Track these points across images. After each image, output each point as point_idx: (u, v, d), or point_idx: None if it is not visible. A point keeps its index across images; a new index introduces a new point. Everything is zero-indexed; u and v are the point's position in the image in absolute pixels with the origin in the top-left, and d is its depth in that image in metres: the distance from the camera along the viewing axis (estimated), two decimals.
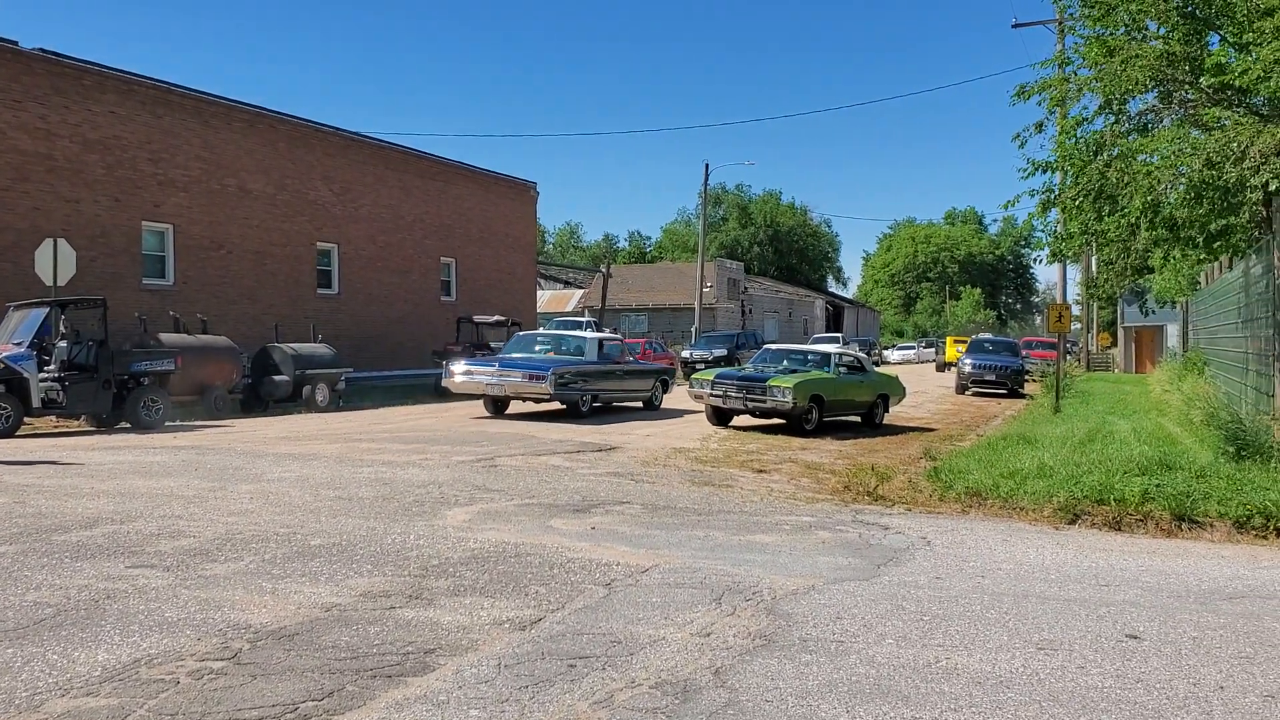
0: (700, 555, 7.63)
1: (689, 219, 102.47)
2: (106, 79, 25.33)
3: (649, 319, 63.42)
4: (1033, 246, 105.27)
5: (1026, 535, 9.16)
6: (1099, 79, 13.22)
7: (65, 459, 12.54)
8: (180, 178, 26.90)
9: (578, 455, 13.77)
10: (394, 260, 34.39)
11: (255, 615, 5.64)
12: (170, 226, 26.61)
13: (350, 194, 32.73)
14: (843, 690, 4.70)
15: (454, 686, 4.62)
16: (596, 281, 62.37)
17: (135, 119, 25.76)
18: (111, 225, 25.01)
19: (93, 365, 17.37)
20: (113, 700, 4.35)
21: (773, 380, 17.75)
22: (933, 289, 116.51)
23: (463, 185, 38.43)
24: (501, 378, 19.47)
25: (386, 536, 7.90)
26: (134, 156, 25.70)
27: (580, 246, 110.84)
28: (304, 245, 30.75)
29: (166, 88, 27.02)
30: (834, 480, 12.23)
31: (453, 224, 37.62)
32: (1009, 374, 31.69)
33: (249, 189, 28.98)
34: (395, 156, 35.36)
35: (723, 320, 61.92)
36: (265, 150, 29.65)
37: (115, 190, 25.20)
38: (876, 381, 20.62)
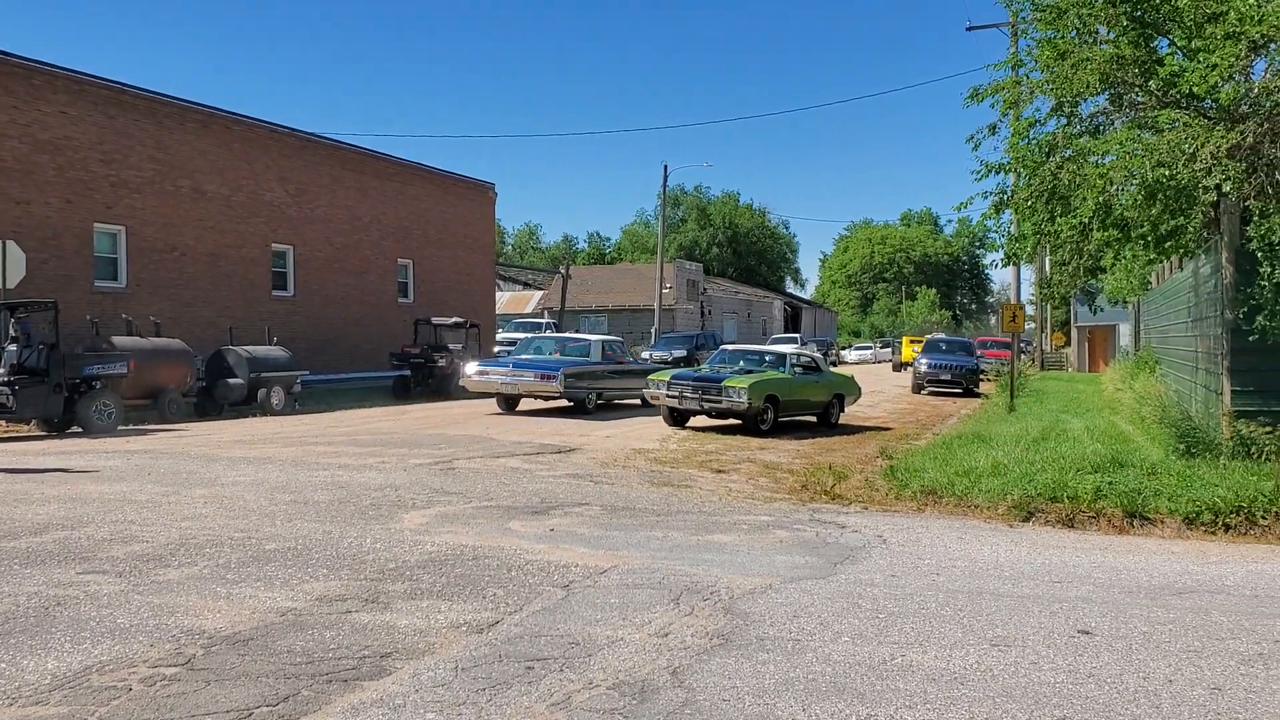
0: (659, 556, 7.64)
1: (648, 220, 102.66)
2: (57, 78, 24.96)
3: (609, 320, 63.39)
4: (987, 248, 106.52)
5: (981, 533, 9.26)
6: (1050, 82, 13.37)
7: (14, 464, 12.33)
8: (133, 179, 26.56)
9: (537, 457, 13.75)
10: (350, 262, 34.15)
11: (209, 621, 5.58)
12: (123, 228, 26.26)
13: (306, 195, 32.46)
14: (799, 688, 4.73)
15: (410, 690, 4.60)
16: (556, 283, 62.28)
17: (87, 119, 25.40)
18: (63, 227, 24.65)
19: (43, 369, 17.11)
20: (63, 709, 4.29)
21: (728, 381, 17.79)
22: (889, 289, 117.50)
23: (420, 186, 38.24)
24: (515, 377, 21.02)
25: (343, 540, 7.85)
26: (85, 157, 25.35)
27: (539, 248, 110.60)
28: (259, 247, 30.46)
29: (119, 88, 26.66)
30: (792, 480, 12.29)
31: (410, 225, 37.43)
32: (964, 373, 32.01)
33: (203, 190, 28.66)
34: (352, 157, 35.11)
35: (682, 321, 62.07)
36: (219, 151, 29.34)
37: (66, 191, 24.84)
38: (832, 382, 20.72)
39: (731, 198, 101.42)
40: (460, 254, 40.26)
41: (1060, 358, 60.33)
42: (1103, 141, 12.87)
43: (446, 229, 39.51)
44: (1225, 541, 9.19)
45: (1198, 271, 14.85)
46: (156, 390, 19.87)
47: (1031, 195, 13.76)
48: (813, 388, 19.75)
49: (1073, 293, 24.95)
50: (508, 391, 21.38)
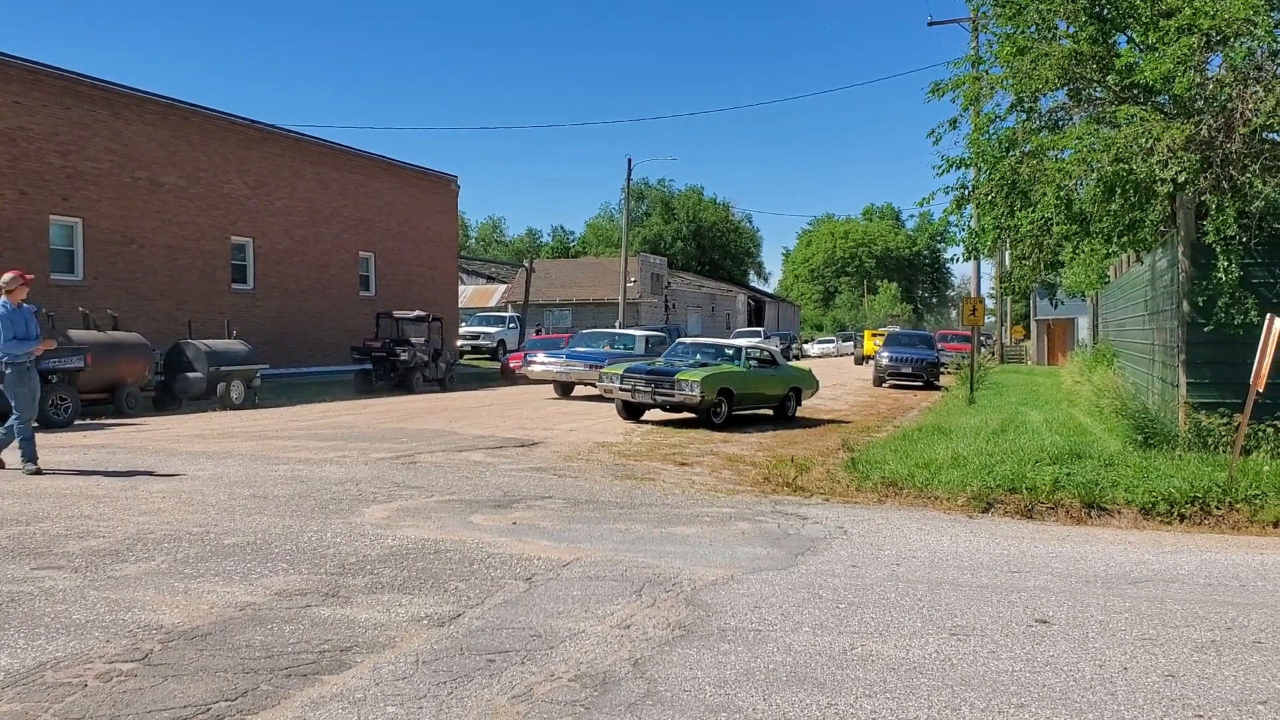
0: (622, 548, 7.65)
1: (612, 214, 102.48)
2: (11, 68, 24.58)
3: (573, 314, 63.28)
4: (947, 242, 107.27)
5: (941, 524, 9.34)
6: (1010, 77, 13.48)
7: None
8: (90, 170, 26.22)
9: (499, 451, 13.71)
10: (311, 255, 33.89)
11: (167, 616, 5.52)
12: (79, 220, 25.92)
13: (266, 187, 32.17)
14: (760, 679, 4.75)
15: (371, 684, 4.58)
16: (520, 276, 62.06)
17: (42, 109, 25.03)
18: (17, 219, 24.29)
19: None
20: (15, 705, 4.23)
21: (680, 374, 17.71)
22: (851, 284, 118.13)
23: (382, 179, 38.00)
24: (568, 367, 24.34)
25: (303, 535, 7.79)
26: (41, 148, 24.98)
27: (503, 241, 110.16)
28: (218, 239, 30.18)
29: (75, 78, 26.29)
30: (754, 472, 12.33)
31: (372, 218, 37.18)
32: (925, 366, 32.25)
33: (161, 182, 28.33)
34: (313, 150, 34.82)
35: (646, 315, 62.08)
36: (178, 143, 29.01)
37: (21, 183, 24.47)
38: (789, 375, 20.76)
39: (695, 192, 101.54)
40: (423, 247, 40.06)
41: (1020, 351, 60.95)
42: (1061, 136, 12.99)
43: (409, 222, 39.29)
44: (1180, 531, 9.33)
45: (1154, 265, 15.04)
46: (114, 384, 19.62)
47: (992, 190, 13.88)
48: (768, 381, 19.77)
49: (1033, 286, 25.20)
50: (563, 379, 24.62)
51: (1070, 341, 53.36)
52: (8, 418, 10.79)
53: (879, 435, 16.57)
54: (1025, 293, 49.99)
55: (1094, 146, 11.88)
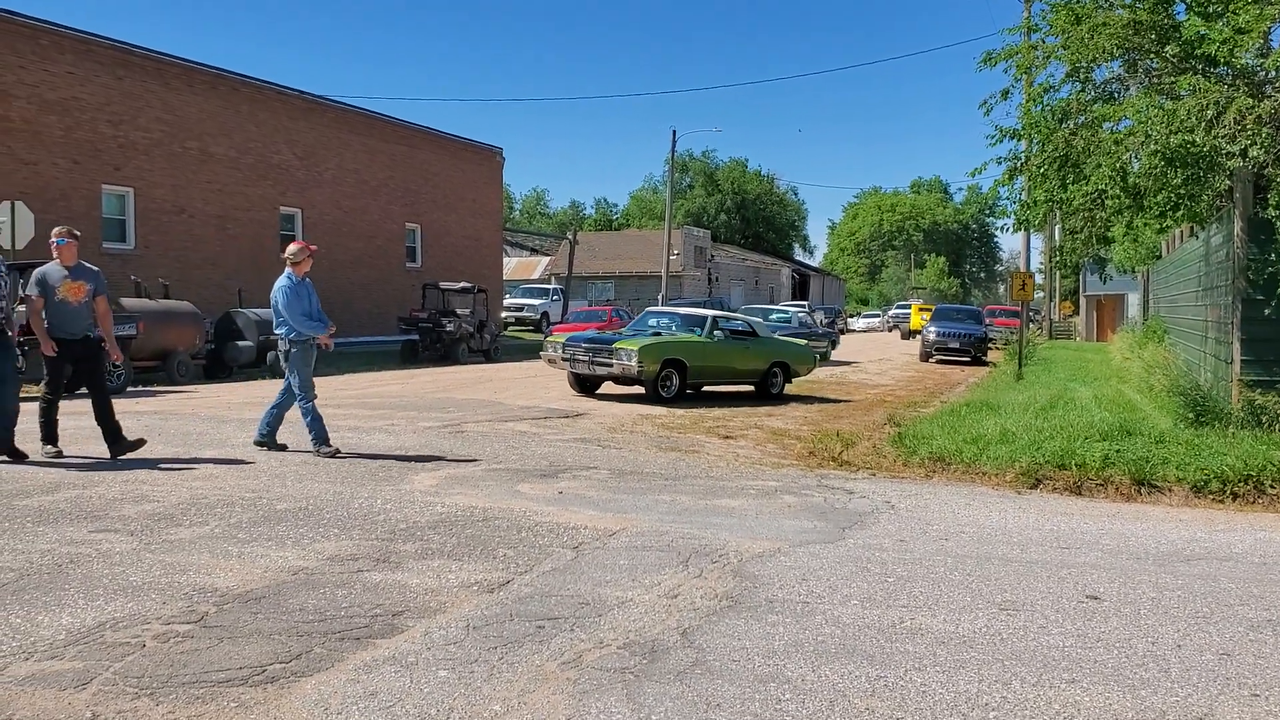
0: (667, 519, 7.66)
1: (656, 186, 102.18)
2: (64, 39, 24.88)
3: (615, 286, 63.31)
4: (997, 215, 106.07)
5: (989, 499, 9.27)
6: (1066, 47, 13.26)
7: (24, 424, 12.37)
8: (141, 140, 26.53)
9: (544, 422, 13.77)
10: (358, 226, 34.12)
11: (221, 579, 5.62)
12: (131, 190, 26.26)
13: (314, 158, 32.40)
14: (809, 650, 4.75)
15: (423, 648, 4.63)
16: (563, 249, 62.15)
17: (94, 80, 25.34)
18: (71, 188, 24.65)
19: None
20: (77, 664, 4.32)
21: (619, 343, 16.65)
22: (898, 257, 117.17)
23: (428, 150, 38.14)
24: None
25: (353, 501, 7.88)
26: (93, 118, 25.30)
27: (547, 213, 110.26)
28: (267, 210, 30.46)
29: (126, 48, 26.56)
30: (799, 446, 12.30)
31: (418, 189, 37.35)
32: (972, 342, 31.95)
33: (211, 152, 28.61)
34: (360, 121, 35.00)
35: (689, 288, 61.96)
36: (228, 113, 29.27)
37: (74, 152, 24.82)
38: (772, 348, 18.97)
39: (740, 164, 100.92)
40: (468, 219, 40.20)
41: (1068, 326, 60.23)
42: (1118, 107, 12.77)
43: (454, 193, 39.43)
44: (1233, 510, 9.19)
45: (1209, 241, 14.77)
46: (166, 352, 19.91)
47: (1044, 162, 13.68)
48: (740, 354, 18.21)
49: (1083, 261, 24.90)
50: None
51: (1119, 317, 52.68)
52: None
53: (926, 410, 16.45)
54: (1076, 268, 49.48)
55: (1153, 118, 11.66)
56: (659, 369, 16.59)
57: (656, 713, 3.97)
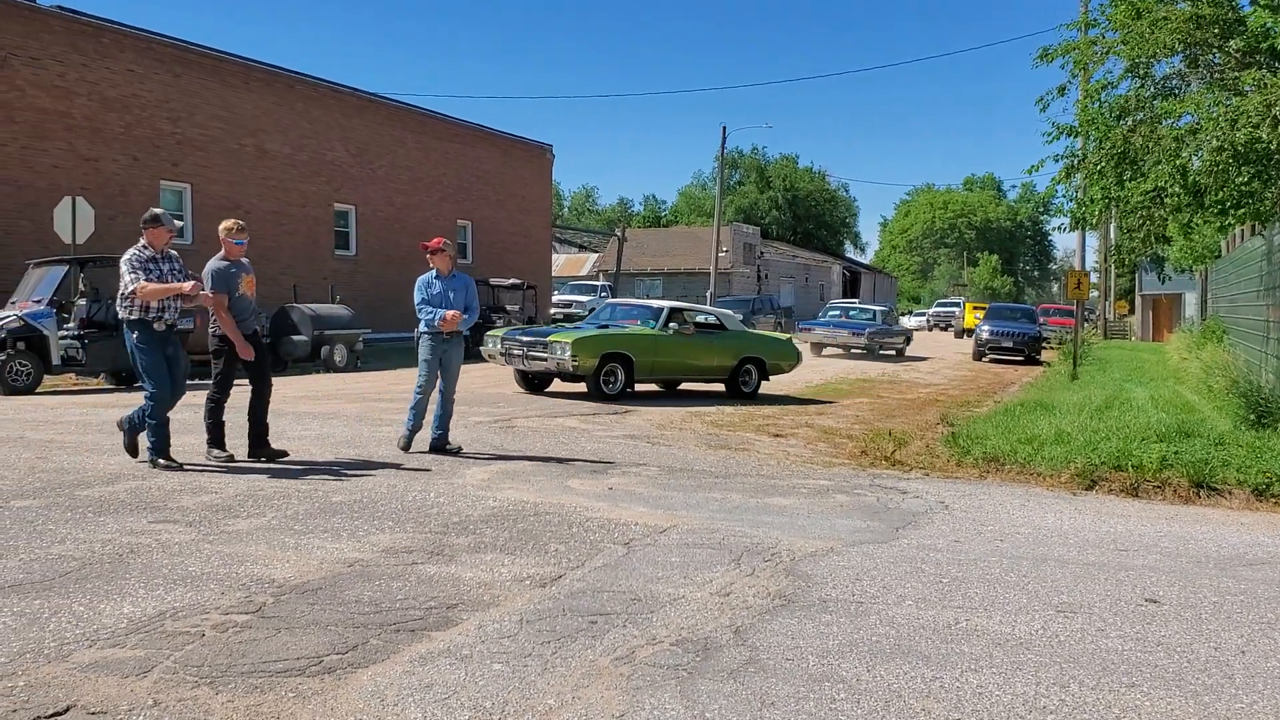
0: (718, 517, 7.65)
1: (705, 183, 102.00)
2: (125, 37, 25.29)
3: (663, 284, 63.27)
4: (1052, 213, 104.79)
5: (1044, 500, 9.16)
6: (1125, 42, 13.06)
7: (85, 416, 12.62)
8: (198, 137, 26.91)
9: (594, 418, 13.80)
10: (411, 222, 34.38)
11: (278, 570, 5.68)
12: (188, 186, 26.66)
13: (367, 155, 32.69)
14: (863, 650, 4.72)
15: (477, 641, 4.66)
16: (611, 245, 62.22)
17: (154, 77, 25.74)
18: (130, 184, 25.06)
19: (112, 323, 17.41)
20: (139, 652, 4.39)
21: (553, 336, 15.74)
22: (950, 255, 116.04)
23: (480, 147, 38.34)
24: (833, 333, 31.62)
25: (407, 494, 7.95)
26: (152, 115, 25.71)
27: (595, 210, 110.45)
28: (322, 206, 30.78)
29: (184, 46, 26.96)
30: (851, 445, 12.23)
31: (469, 186, 37.56)
32: (1026, 341, 31.60)
33: (266, 149, 28.97)
34: (413, 118, 35.27)
35: (738, 285, 61.80)
36: (283, 110, 29.61)
37: (134, 149, 25.23)
38: (743, 343, 17.90)
39: (790, 160, 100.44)
40: (518, 216, 40.37)
41: (1124, 326, 59.39)
42: (1179, 103, 12.55)
43: (505, 190, 39.61)
44: None
45: (1271, 240, 14.48)
46: None
47: (1101, 159, 13.50)
48: (701, 350, 17.13)
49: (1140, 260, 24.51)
50: (825, 342, 31.59)
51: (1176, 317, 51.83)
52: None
53: (979, 410, 16.29)
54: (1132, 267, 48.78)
55: (1218, 114, 11.44)
56: (598, 363, 15.67)
57: (710, 710, 3.96)
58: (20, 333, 16.22)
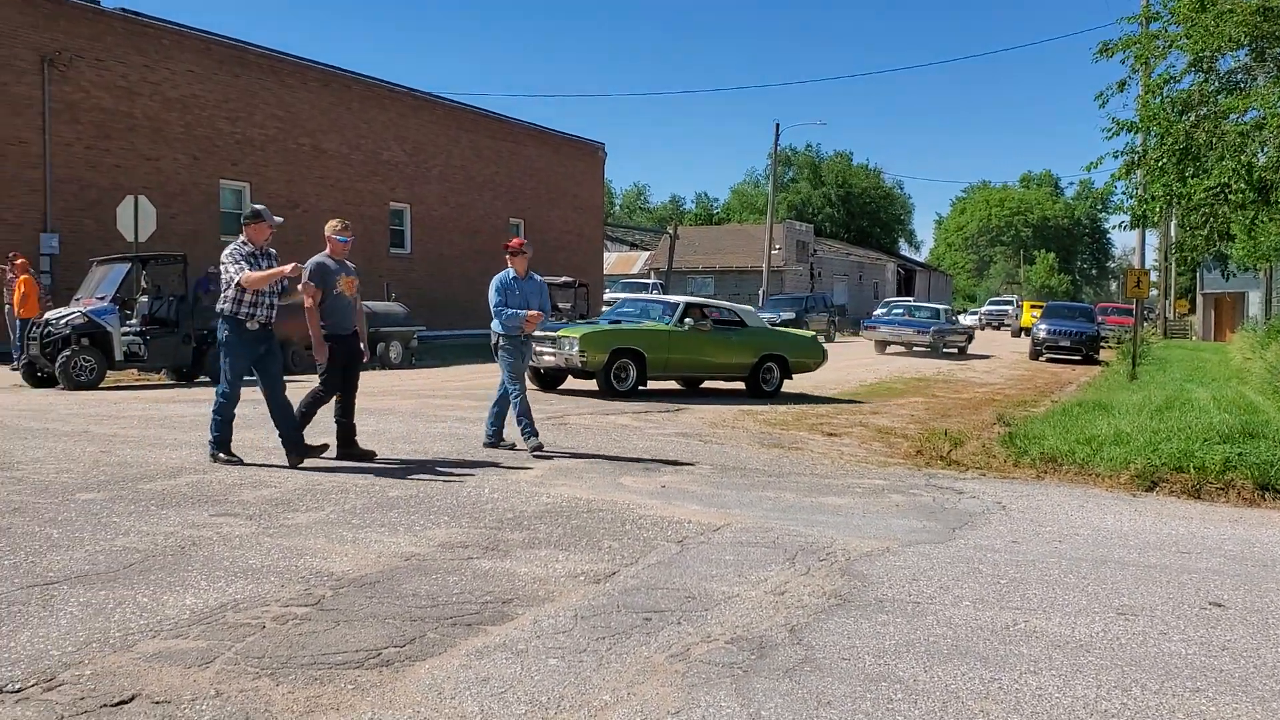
0: (772, 515, 7.62)
1: (758, 180, 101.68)
2: (185, 38, 25.71)
3: (715, 281, 63.15)
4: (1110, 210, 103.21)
5: (1103, 501, 9.03)
6: (1188, 35, 12.82)
7: (147, 411, 12.86)
8: (257, 136, 27.29)
9: (645, 415, 13.81)
10: (464, 221, 34.63)
11: (337, 563, 5.75)
12: (247, 184, 27.04)
13: (422, 155, 32.96)
14: (920, 650, 4.68)
15: (532, 636, 4.68)
16: (663, 243, 62.22)
17: (213, 78, 26.14)
18: (191, 183, 25.48)
19: (174, 320, 17.73)
20: (201, 643, 4.46)
21: (562, 331, 15.41)
22: (1006, 253, 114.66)
23: (532, 146, 38.51)
24: (898, 331, 32.12)
25: (462, 489, 8.01)
26: (212, 115, 26.11)
27: (647, 208, 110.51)
28: (377, 205, 31.08)
29: (243, 47, 27.36)
30: (906, 445, 12.13)
31: (522, 185, 37.75)
32: (1084, 340, 31.19)
33: (323, 148, 29.31)
34: (467, 117, 35.50)
35: (791, 283, 61.50)
36: (339, 110, 29.94)
37: (194, 148, 25.64)
38: (763, 340, 17.49)
39: (844, 157, 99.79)
40: (570, 214, 40.51)
41: (1184, 325, 58.34)
42: (1245, 98, 12.30)
43: (557, 189, 39.76)
44: None
45: None
46: (281, 343, 20.39)
47: (1163, 155, 13.28)
48: (719, 346, 16.74)
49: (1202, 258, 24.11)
50: (889, 340, 32.14)
51: (1239, 316, 50.81)
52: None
53: (1036, 410, 16.10)
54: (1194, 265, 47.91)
55: None
56: (608, 359, 15.42)
57: (766, 708, 3.95)
58: (84, 329, 16.55)
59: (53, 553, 5.78)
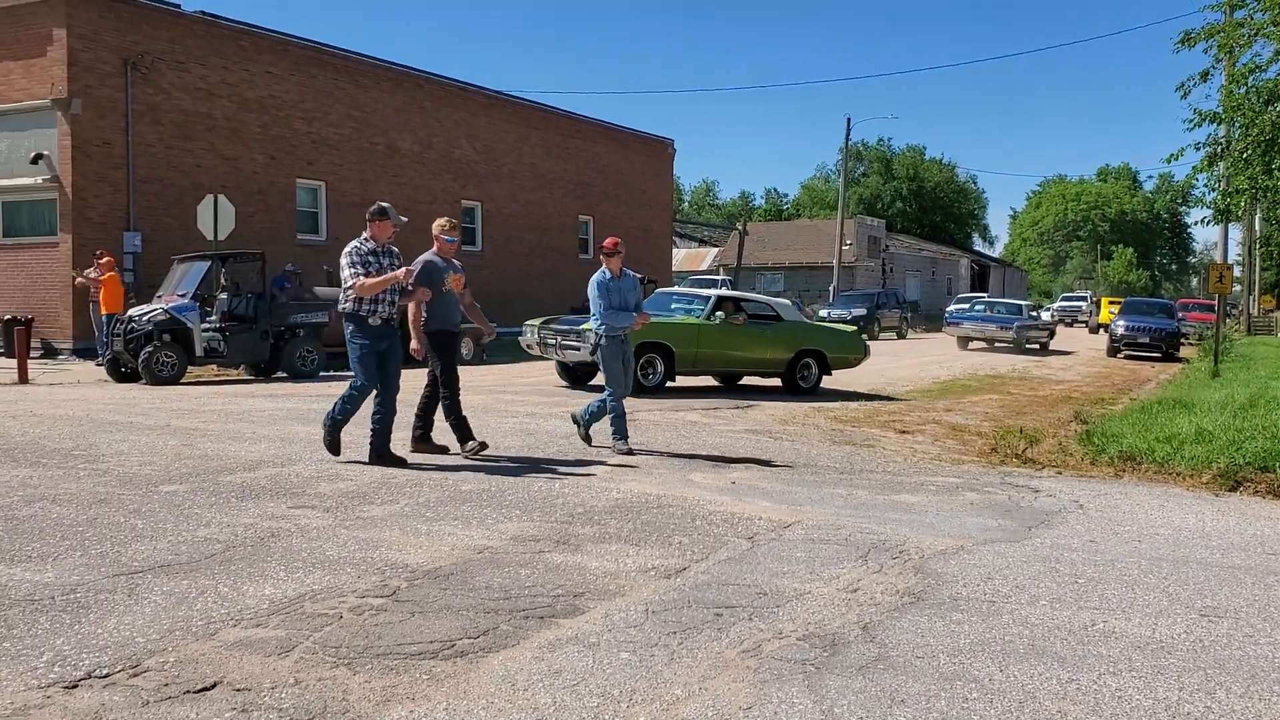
0: (844, 513, 7.57)
1: (828, 175, 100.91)
2: (263, 40, 26.19)
3: (785, 278, 62.79)
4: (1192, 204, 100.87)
5: (1184, 501, 8.82)
6: (1275, 22, 12.48)
7: (226, 405, 13.13)
8: (332, 136, 27.70)
9: (715, 412, 13.79)
10: (534, 218, 34.84)
11: (411, 555, 5.83)
12: (323, 183, 27.48)
13: (493, 153, 33.22)
14: (996, 649, 4.62)
15: (604, 629, 4.70)
16: (732, 239, 62.02)
17: (290, 79, 26.59)
18: (268, 182, 25.95)
19: (252, 316, 18.09)
20: (280, 632, 4.55)
21: (586, 324, 14.25)
22: (1083, 248, 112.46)
23: (601, 143, 38.63)
24: (981, 327, 32.73)
25: (533, 484, 8.07)
26: (288, 115, 26.56)
27: (716, 204, 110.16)
28: (449, 203, 31.37)
29: (318, 47, 27.79)
30: (980, 442, 11.97)
31: (591, 182, 37.88)
32: (1163, 336, 30.55)
33: (397, 147, 29.67)
34: (537, 115, 35.71)
35: (862, 279, 60.95)
36: (412, 109, 30.29)
37: (271, 148, 26.11)
38: (800, 335, 17.02)
39: (917, 151, 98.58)
40: (638, 210, 40.56)
41: (1269, 322, 56.67)
42: None
43: (625, 185, 39.84)
44: None
45: None
46: None
47: (1248, 146, 12.94)
48: (753, 341, 16.29)
49: None
50: (972, 336, 32.56)
51: None
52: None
53: (1114, 407, 15.79)
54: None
55: None
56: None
57: (839, 705, 3.92)
58: (166, 325, 16.96)
59: (137, 543, 5.94)
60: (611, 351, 10.15)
